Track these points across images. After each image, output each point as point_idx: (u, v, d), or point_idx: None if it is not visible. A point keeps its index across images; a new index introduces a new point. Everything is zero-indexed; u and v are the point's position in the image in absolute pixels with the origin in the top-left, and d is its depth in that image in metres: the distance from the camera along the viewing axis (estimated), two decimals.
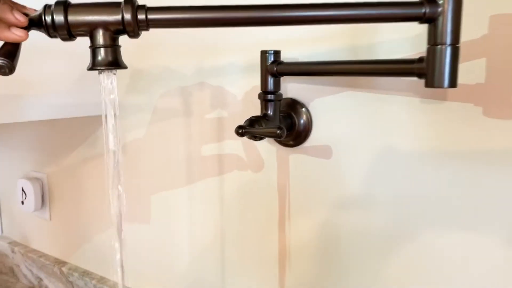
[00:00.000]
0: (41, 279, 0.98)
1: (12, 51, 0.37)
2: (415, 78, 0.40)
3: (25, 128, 0.99)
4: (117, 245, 0.58)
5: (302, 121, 0.56)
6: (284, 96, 0.56)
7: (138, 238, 0.79)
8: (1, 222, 1.12)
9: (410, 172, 0.49)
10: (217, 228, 0.68)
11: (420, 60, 0.39)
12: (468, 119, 0.45)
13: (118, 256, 0.58)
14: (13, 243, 1.06)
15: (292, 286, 0.61)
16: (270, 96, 0.53)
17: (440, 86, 0.37)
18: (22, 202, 0.99)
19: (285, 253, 0.61)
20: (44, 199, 0.97)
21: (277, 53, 0.53)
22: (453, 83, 0.37)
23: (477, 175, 0.45)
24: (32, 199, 0.96)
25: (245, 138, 0.62)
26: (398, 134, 0.49)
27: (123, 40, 0.41)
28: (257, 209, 0.63)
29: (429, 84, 0.37)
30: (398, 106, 0.49)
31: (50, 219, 0.97)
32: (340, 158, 0.54)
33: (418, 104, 0.48)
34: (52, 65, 0.69)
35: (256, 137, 0.54)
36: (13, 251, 1.04)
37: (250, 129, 0.52)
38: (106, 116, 0.44)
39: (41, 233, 1.01)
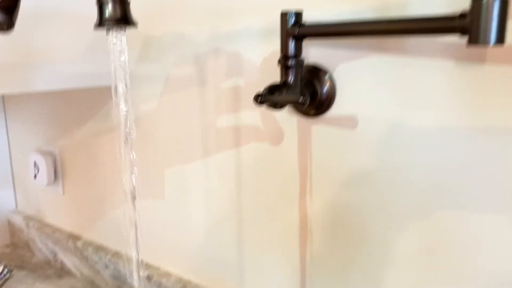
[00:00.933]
0: (56, 254, 0.97)
1: (10, 5, 0.34)
2: (450, 41, 0.36)
3: (36, 101, 0.97)
4: (131, 220, 0.56)
5: (325, 89, 0.52)
6: (305, 63, 0.53)
7: (152, 213, 0.77)
8: (15, 197, 1.11)
9: (440, 144, 0.45)
10: (234, 203, 0.65)
11: (463, 15, 0.35)
12: (510, 84, 0.41)
13: (132, 231, 0.56)
14: (27, 218, 1.05)
15: (313, 261, 0.58)
16: (291, 62, 0.50)
17: (486, 42, 0.33)
18: (35, 176, 0.98)
19: (306, 228, 0.58)
20: (56, 173, 0.96)
21: (298, 15, 0.49)
22: (500, 39, 0.33)
23: None
24: (44, 173, 0.95)
25: (263, 109, 0.59)
26: (428, 103, 0.46)
27: (133, 7, 0.38)
28: (277, 183, 0.60)
29: (473, 40, 0.33)
30: (429, 72, 0.45)
31: (63, 193, 0.96)
32: (366, 129, 0.50)
33: (453, 69, 0.43)
34: (63, 32, 0.66)
35: (276, 105, 0.51)
36: (27, 226, 1.04)
37: (270, 96, 0.49)
38: (115, 80, 0.41)
39: (54, 208, 1.00)
